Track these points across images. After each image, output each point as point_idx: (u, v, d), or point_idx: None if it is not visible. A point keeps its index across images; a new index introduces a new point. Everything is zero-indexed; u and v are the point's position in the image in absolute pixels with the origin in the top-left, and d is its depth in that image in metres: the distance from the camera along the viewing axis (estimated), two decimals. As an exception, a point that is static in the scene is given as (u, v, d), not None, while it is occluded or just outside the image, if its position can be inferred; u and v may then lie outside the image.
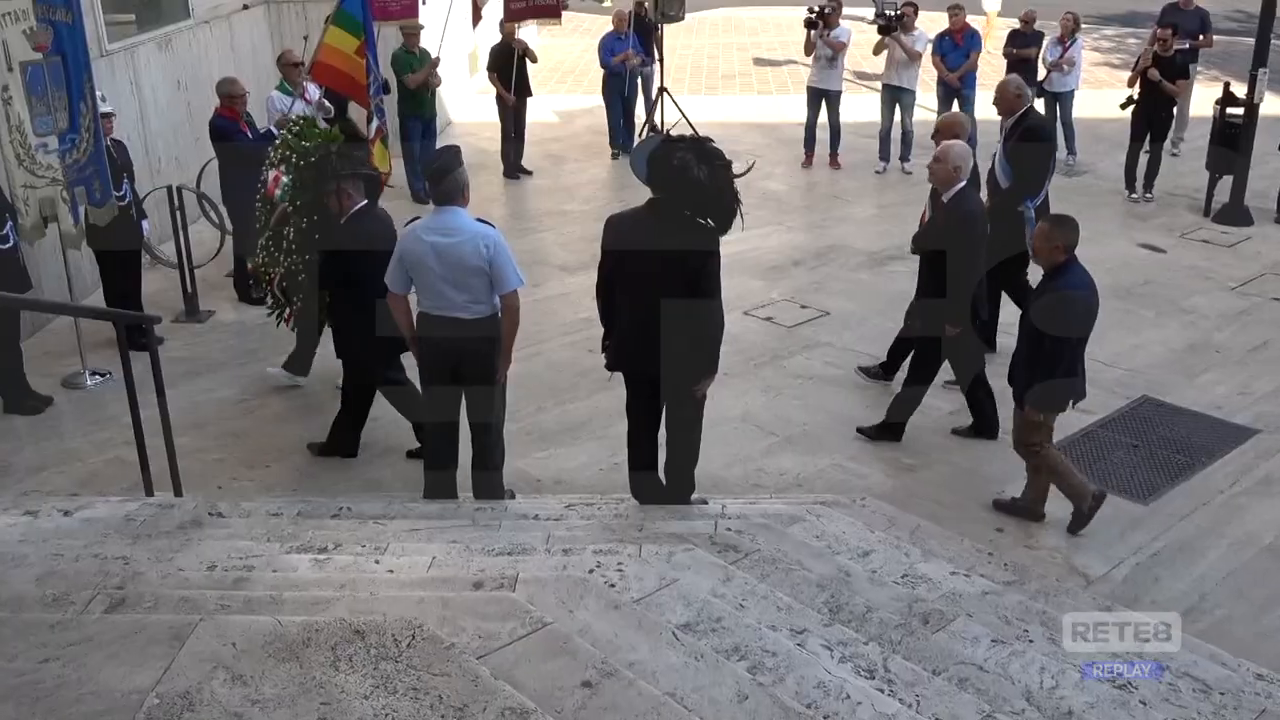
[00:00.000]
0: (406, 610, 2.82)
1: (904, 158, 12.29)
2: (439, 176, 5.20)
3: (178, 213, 8.36)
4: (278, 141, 7.11)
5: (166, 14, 10.60)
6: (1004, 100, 7.49)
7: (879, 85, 12.96)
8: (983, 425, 6.58)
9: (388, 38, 10.04)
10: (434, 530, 4.46)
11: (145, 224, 8.30)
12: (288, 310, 7.08)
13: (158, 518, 4.76)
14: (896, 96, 12.17)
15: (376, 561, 3.70)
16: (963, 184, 6.23)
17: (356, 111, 9.07)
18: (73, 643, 2.45)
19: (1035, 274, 6.11)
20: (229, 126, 8.51)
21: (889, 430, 6.59)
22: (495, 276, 5.18)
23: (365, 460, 6.47)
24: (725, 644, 3.26)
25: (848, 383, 7.35)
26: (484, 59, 12.99)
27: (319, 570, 3.55)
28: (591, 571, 3.64)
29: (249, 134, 8.60)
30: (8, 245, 6.77)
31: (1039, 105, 12.40)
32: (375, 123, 8.55)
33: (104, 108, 7.36)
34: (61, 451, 6.58)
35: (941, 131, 6.93)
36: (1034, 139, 7.41)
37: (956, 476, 6.16)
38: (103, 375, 7.40)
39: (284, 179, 6.78)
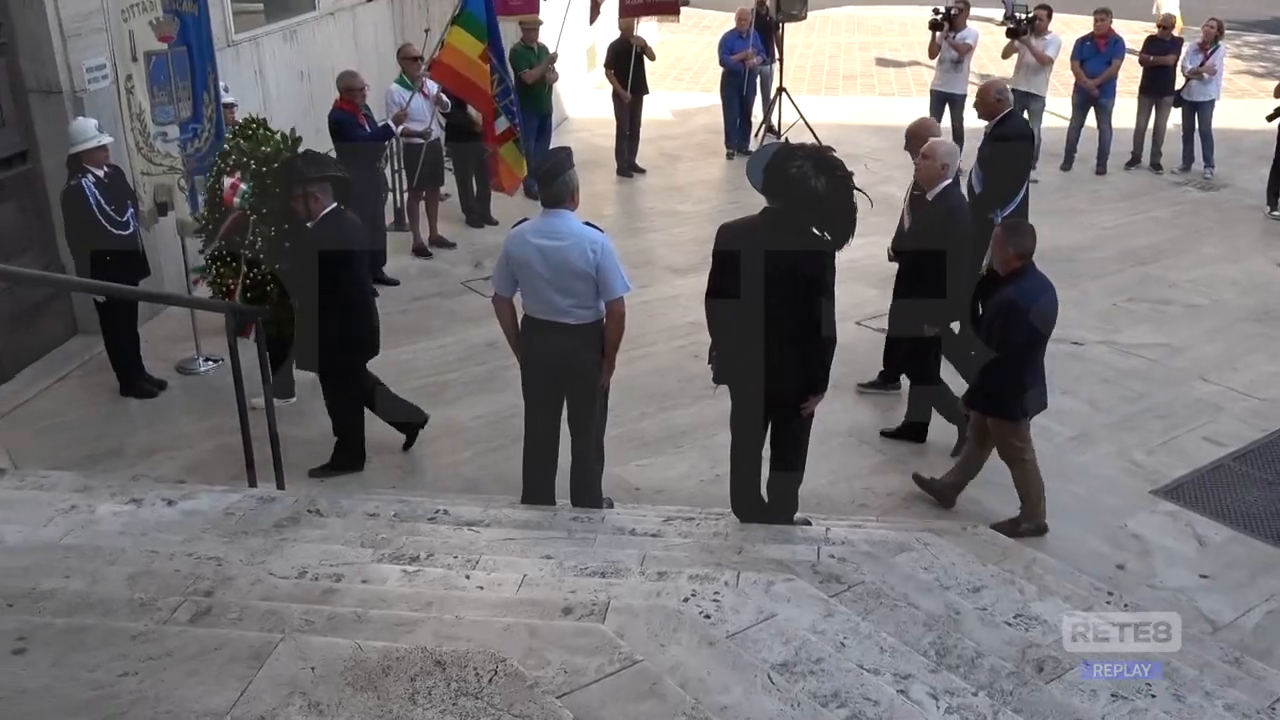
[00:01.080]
0: (492, 638, 2.72)
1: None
2: (549, 178, 5.11)
3: (294, 203, 8.44)
4: (226, 146, 6.66)
5: (293, 5, 10.76)
6: (984, 104, 7.42)
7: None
8: (918, 431, 6.57)
9: (506, 33, 10.01)
10: (528, 542, 4.37)
11: (264, 212, 8.41)
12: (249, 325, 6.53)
13: (257, 512, 4.76)
14: (1024, 103, 11.71)
15: (467, 577, 3.62)
16: (948, 181, 6.18)
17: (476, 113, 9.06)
18: (153, 656, 2.40)
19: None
20: (347, 119, 8.58)
21: (912, 430, 6.56)
22: (601, 282, 5.07)
23: (464, 459, 6.43)
24: (824, 689, 3.09)
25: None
26: (602, 55, 12.92)
27: (408, 584, 3.48)
28: (686, 600, 3.49)
29: (366, 127, 8.67)
30: (129, 231, 6.90)
31: (1175, 115, 11.93)
32: (506, 123, 8.53)
33: (226, 98, 7.46)
34: (172, 436, 6.69)
35: (912, 139, 6.79)
36: (1011, 142, 7.30)
37: (1075, 506, 5.85)
38: (215, 361, 7.51)
39: (243, 186, 6.34)
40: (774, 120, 13.03)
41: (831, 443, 6.35)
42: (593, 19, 12.74)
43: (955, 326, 6.65)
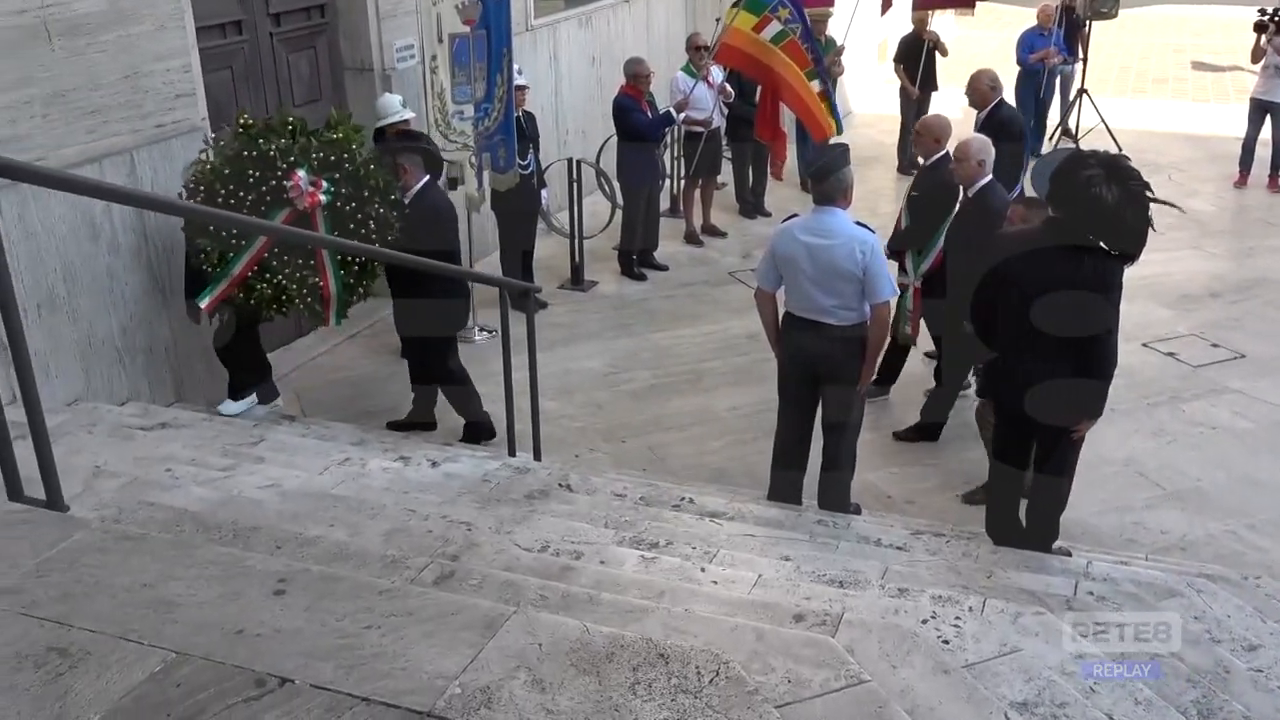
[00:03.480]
0: (718, 637, 2.69)
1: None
2: (823, 175, 5.02)
3: (575, 184, 8.71)
4: (272, 151, 5.57)
5: (591, -8, 11.09)
6: (976, 92, 7.44)
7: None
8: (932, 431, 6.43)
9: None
10: (768, 541, 4.32)
11: (545, 193, 8.72)
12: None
13: (511, 481, 4.94)
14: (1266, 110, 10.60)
15: (702, 570, 3.61)
16: (988, 178, 6.05)
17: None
18: (396, 613, 2.52)
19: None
20: (630, 105, 8.75)
21: (925, 432, 6.45)
22: (868, 284, 4.94)
23: (714, 448, 6.45)
24: (1066, 736, 2.89)
25: (1257, 438, 6.46)
26: (893, 49, 12.60)
27: (644, 570, 3.51)
28: (925, 622, 3.35)
29: (648, 113, 8.80)
30: (423, 203, 7.30)
31: None
32: (820, 85, 8.43)
33: (519, 80, 7.75)
34: (443, 402, 7.04)
35: (921, 134, 6.67)
36: (1002, 133, 7.01)
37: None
38: (490, 332, 7.84)
39: (325, 184, 5.58)
40: (1071, 123, 12.33)
41: (1103, 470, 5.95)
42: (884, 11, 12.42)
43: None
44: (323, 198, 5.54)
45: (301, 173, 5.51)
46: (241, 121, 5.69)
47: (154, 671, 2.30)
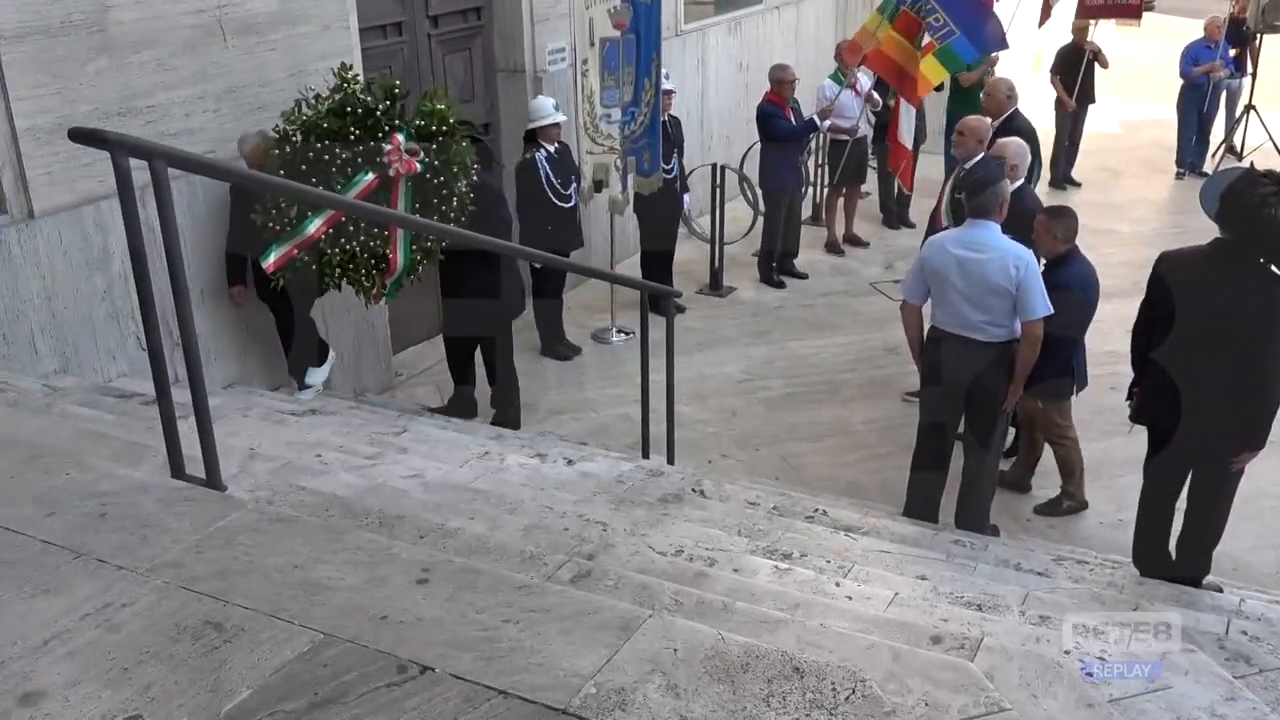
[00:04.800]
0: (854, 654, 2.65)
1: None
2: (978, 188, 4.91)
3: (718, 190, 8.71)
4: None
5: (740, -2, 11.08)
6: (993, 100, 7.36)
7: None
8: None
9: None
10: (904, 559, 4.24)
11: (687, 197, 8.75)
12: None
13: (645, 484, 4.96)
14: None
15: (837, 584, 3.56)
16: (1021, 181, 5.98)
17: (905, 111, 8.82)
18: (534, 609, 2.54)
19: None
20: (772, 111, 8.71)
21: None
22: (1021, 300, 4.82)
23: (848, 461, 6.37)
24: (1215, 782, 2.76)
25: None
26: (1048, 59, 12.24)
27: (778, 581, 3.48)
28: (1068, 652, 3.24)
29: (791, 120, 8.74)
30: (570, 205, 7.41)
31: None
32: (928, 38, 8.24)
33: (666, 85, 7.80)
34: (579, 400, 7.13)
35: (964, 135, 6.58)
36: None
37: None
38: (627, 334, 7.91)
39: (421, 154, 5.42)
40: (1236, 140, 11.80)
41: (1260, 504, 5.67)
42: (1042, 21, 12.07)
43: None
44: (418, 166, 5.38)
45: (401, 137, 5.34)
46: (343, 75, 5.46)
47: (302, 651, 2.37)
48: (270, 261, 5.26)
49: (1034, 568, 4.61)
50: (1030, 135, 7.74)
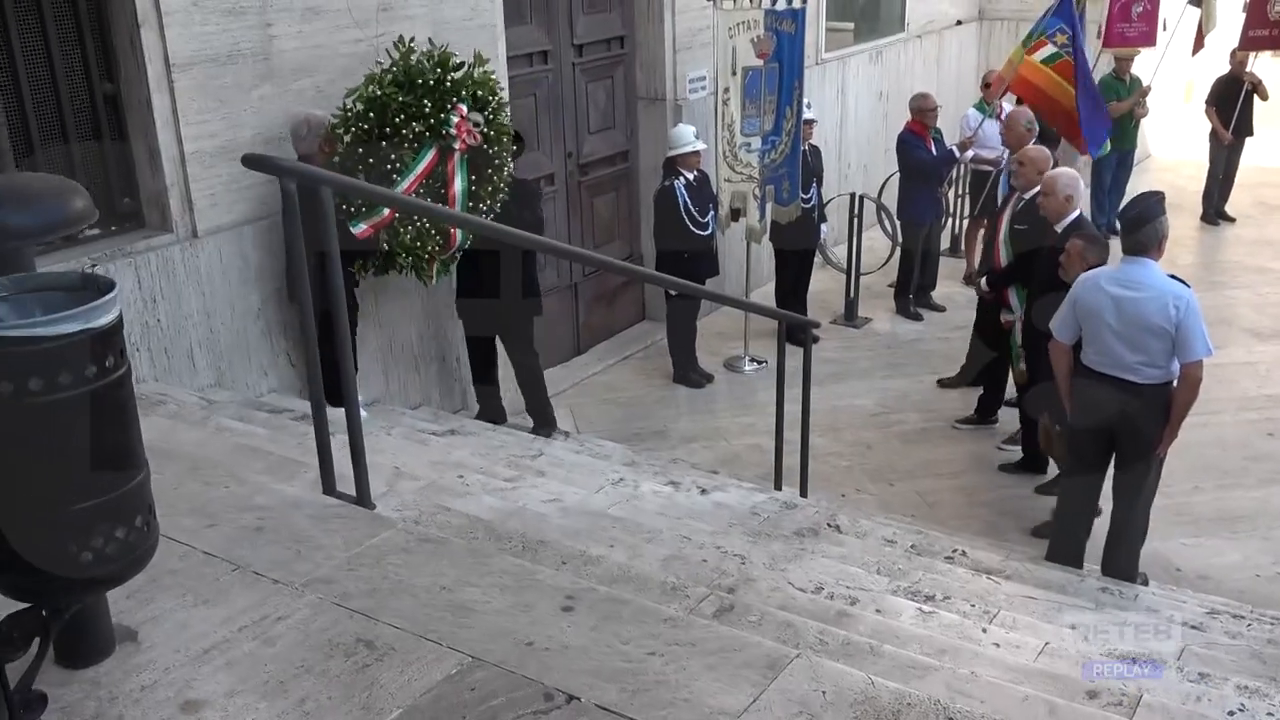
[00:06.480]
0: (1007, 705, 2.56)
1: None
2: (1136, 224, 4.73)
3: (855, 220, 8.61)
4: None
5: (883, 26, 10.96)
6: (1013, 133, 7.39)
7: None
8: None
9: (1099, 65, 9.47)
10: (1050, 606, 4.08)
11: (824, 227, 8.66)
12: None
13: (779, 517, 4.89)
14: None
15: (984, 630, 3.45)
16: (1076, 213, 5.88)
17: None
18: (679, 642, 2.52)
19: None
20: (912, 141, 8.57)
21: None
22: (1180, 341, 4.62)
23: (987, 500, 6.20)
24: None
25: None
26: (1199, 90, 11.79)
27: (922, 624, 3.38)
28: (1233, 715, 3.07)
29: (931, 150, 8.59)
30: (707, 232, 7.41)
31: None
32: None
33: (808, 114, 7.75)
34: (711, 428, 7.09)
35: (1024, 166, 6.41)
36: None
37: None
38: (760, 363, 7.86)
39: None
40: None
41: None
42: (1195, 50, 11.63)
43: None
44: (480, 136, 5.31)
45: (464, 107, 5.24)
46: (402, 48, 5.37)
47: (451, 673, 2.39)
48: (361, 229, 5.22)
49: (1187, 620, 4.39)
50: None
